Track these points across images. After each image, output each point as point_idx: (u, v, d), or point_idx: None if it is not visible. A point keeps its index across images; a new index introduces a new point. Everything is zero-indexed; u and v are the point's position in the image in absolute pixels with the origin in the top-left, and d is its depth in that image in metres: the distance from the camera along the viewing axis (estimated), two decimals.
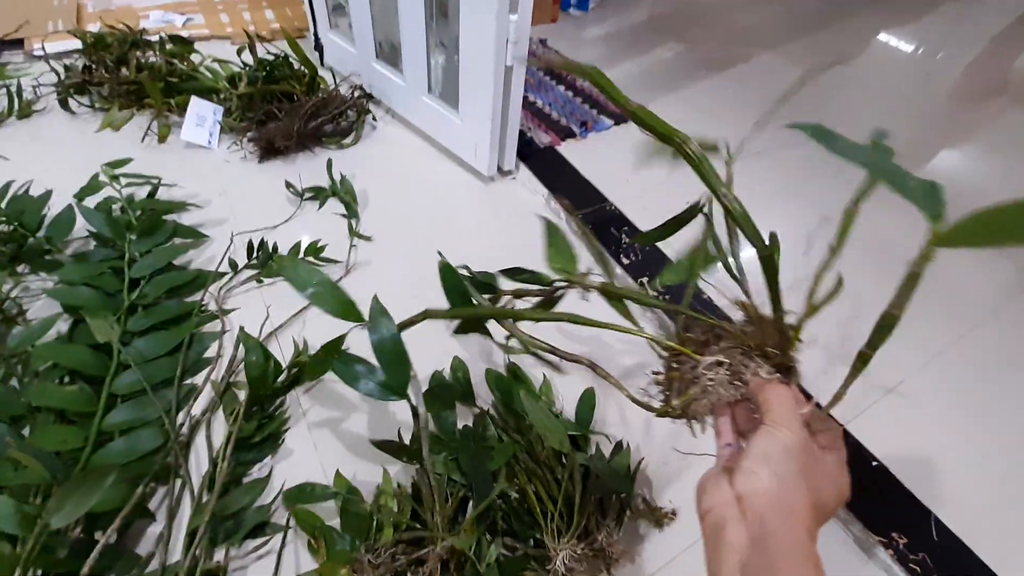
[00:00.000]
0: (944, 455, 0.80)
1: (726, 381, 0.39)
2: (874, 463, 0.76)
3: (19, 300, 0.85)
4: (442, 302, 0.98)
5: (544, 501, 0.64)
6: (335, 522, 0.65)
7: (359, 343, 0.61)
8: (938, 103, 1.68)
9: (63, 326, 0.82)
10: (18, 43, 1.45)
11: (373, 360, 0.60)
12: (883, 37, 2.03)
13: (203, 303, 0.88)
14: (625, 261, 1.03)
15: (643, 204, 1.16)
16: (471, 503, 0.65)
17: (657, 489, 0.74)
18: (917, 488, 0.74)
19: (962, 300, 1.03)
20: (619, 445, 0.77)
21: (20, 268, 0.90)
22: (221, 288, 0.91)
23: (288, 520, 0.66)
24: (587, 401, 0.82)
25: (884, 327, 0.33)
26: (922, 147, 1.46)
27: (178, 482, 0.68)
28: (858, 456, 0.77)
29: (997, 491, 0.77)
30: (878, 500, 0.72)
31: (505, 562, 0.62)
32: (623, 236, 1.08)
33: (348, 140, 1.26)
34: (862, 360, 0.36)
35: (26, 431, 0.69)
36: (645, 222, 1.12)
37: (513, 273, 0.71)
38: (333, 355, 0.59)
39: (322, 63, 1.50)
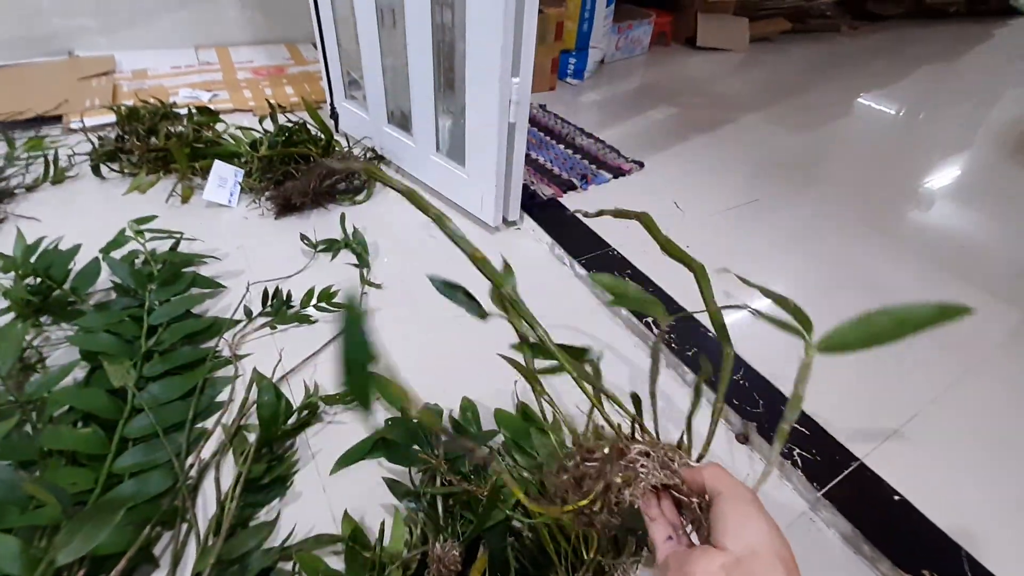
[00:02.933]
0: (966, 487, 0.77)
1: (657, 468, 0.41)
2: (896, 497, 0.74)
3: (40, 349, 0.87)
4: (446, 345, 1.00)
5: (558, 539, 0.62)
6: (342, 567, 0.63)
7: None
8: (920, 157, 1.75)
9: (80, 374, 0.83)
10: (57, 119, 1.57)
11: None
12: (860, 103, 2.15)
13: (217, 349, 0.89)
14: None
15: (643, 248, 1.20)
16: (482, 544, 0.63)
17: None
18: (943, 522, 0.71)
19: (968, 336, 1.03)
20: None
21: (43, 319, 0.93)
22: (236, 335, 0.93)
23: (294, 566, 0.64)
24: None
25: (794, 404, 0.43)
26: (907, 200, 1.51)
27: (184, 527, 0.67)
28: (878, 491, 0.75)
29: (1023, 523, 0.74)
30: (904, 536, 0.70)
31: None
32: (626, 279, 1.11)
33: (360, 197, 1.33)
34: (781, 435, 0.44)
35: (38, 475, 0.69)
36: (646, 264, 1.15)
37: (451, 289, 0.72)
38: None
39: (337, 129, 1.60)
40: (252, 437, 0.76)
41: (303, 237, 1.14)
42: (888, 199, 1.46)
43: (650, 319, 1.01)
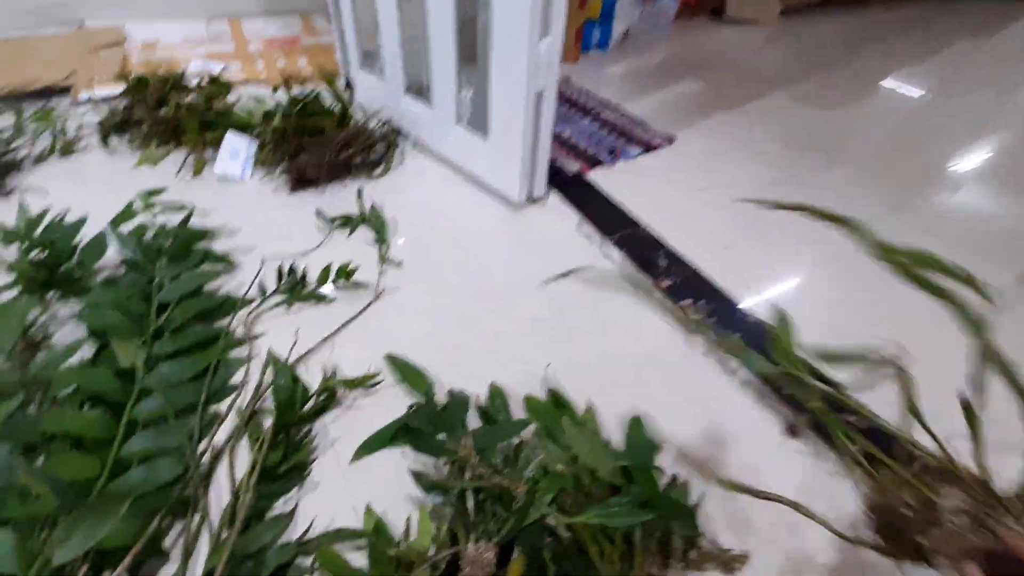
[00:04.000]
0: None
1: (970, 527, 0.36)
2: None
3: (46, 326, 0.83)
4: (473, 326, 0.94)
5: (600, 540, 0.57)
6: (362, 565, 0.59)
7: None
8: (948, 138, 1.64)
9: (88, 352, 0.79)
10: (66, 90, 1.52)
11: None
12: (888, 83, 2.02)
13: (230, 328, 0.85)
14: (665, 284, 0.98)
15: (674, 226, 1.13)
16: (517, 545, 0.58)
17: (720, 528, 0.66)
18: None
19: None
20: (674, 480, 0.69)
21: (50, 295, 0.88)
22: (250, 314, 0.88)
23: (314, 562, 0.59)
24: (636, 428, 0.75)
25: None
26: (933, 183, 1.41)
27: (196, 518, 0.62)
28: None
29: None
30: None
31: None
32: (659, 259, 1.04)
33: (378, 171, 1.26)
34: None
35: (41, 461, 0.65)
36: (679, 241, 1.07)
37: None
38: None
39: (352, 101, 1.53)
40: (268, 422, 0.72)
41: (318, 212, 1.09)
42: (913, 181, 1.36)
43: (687, 301, 0.94)
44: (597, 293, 1.00)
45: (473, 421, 0.74)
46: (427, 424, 0.69)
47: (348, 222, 1.08)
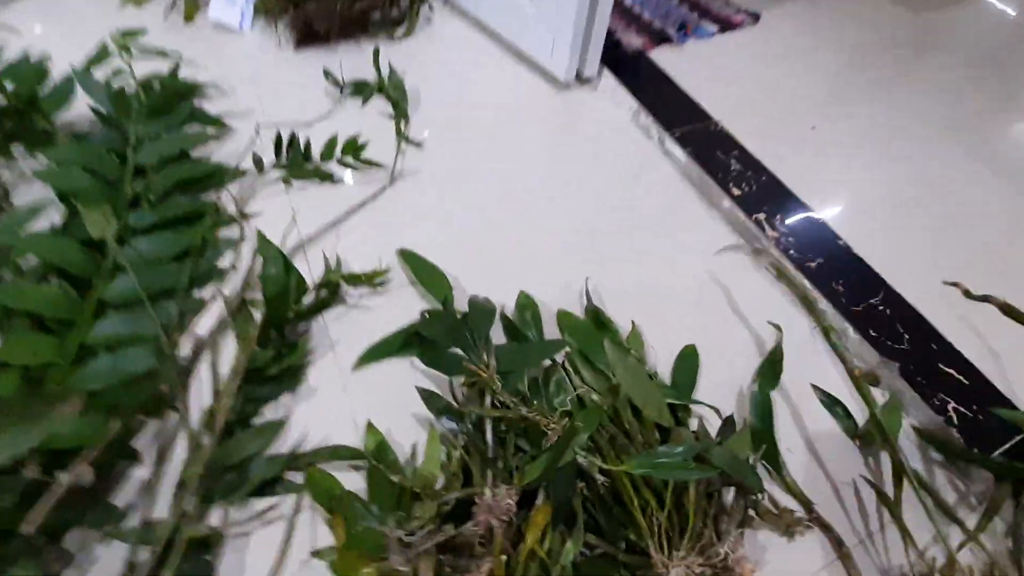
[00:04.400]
0: None
1: None
2: None
3: (6, 184, 0.71)
4: (502, 225, 0.80)
5: (641, 491, 0.47)
6: (363, 488, 0.50)
7: None
8: None
9: (57, 218, 0.68)
10: None
11: None
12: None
13: (220, 203, 0.72)
14: (736, 192, 0.81)
15: (754, 125, 0.93)
16: (543, 489, 0.48)
17: (777, 484, 0.56)
18: None
19: None
20: (730, 421, 0.59)
21: (17, 149, 0.76)
22: (243, 188, 0.75)
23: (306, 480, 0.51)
24: (688, 362, 0.64)
25: None
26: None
27: (172, 418, 0.54)
28: None
29: None
30: None
31: (585, 565, 0.47)
32: (732, 161, 0.86)
33: (399, 31, 1.06)
34: None
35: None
36: (758, 146, 0.89)
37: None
38: None
39: None
40: (260, 315, 0.61)
41: (327, 74, 0.91)
42: (990, 104, 1.09)
43: (760, 215, 0.78)
44: (652, 198, 0.84)
45: (496, 338, 0.62)
46: (442, 334, 0.58)
47: (362, 89, 0.91)
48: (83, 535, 0.48)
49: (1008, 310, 0.57)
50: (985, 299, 0.59)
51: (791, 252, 0.73)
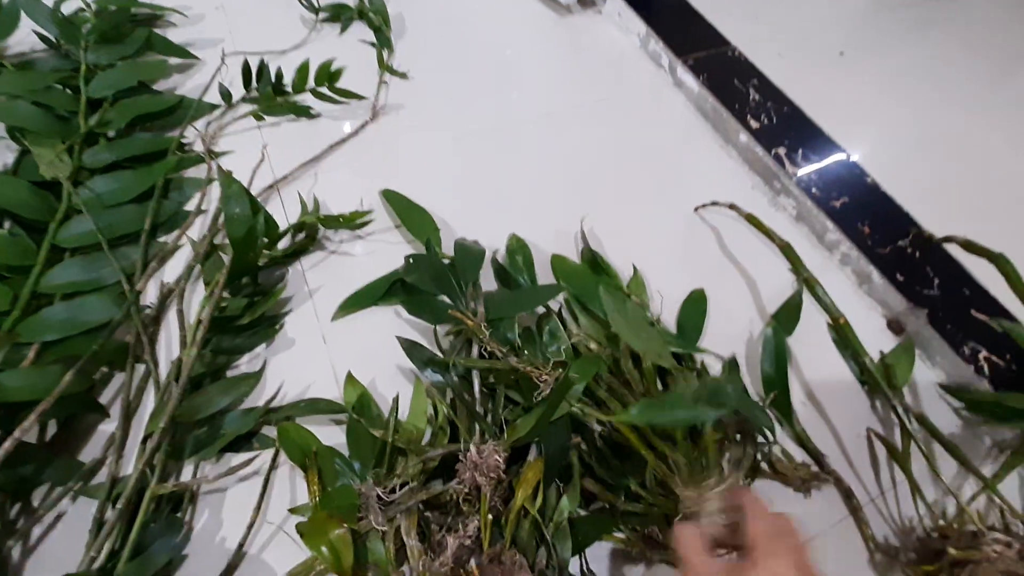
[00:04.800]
0: None
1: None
2: None
3: None
4: (493, 163, 0.73)
5: (650, 438, 0.43)
6: (342, 443, 0.47)
7: None
8: None
9: (8, 157, 0.62)
10: None
11: None
12: None
13: (185, 140, 0.66)
14: (754, 124, 0.74)
15: (777, 48, 0.84)
16: (535, 445, 0.45)
17: (788, 435, 0.53)
18: None
19: None
20: (734, 365, 0.55)
21: None
22: (210, 124, 0.69)
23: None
24: (696, 306, 0.59)
25: None
26: None
27: (140, 369, 0.51)
28: None
29: None
30: None
31: (583, 521, 0.43)
32: (750, 91, 0.78)
33: None
34: None
35: None
36: (781, 73, 0.80)
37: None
38: None
39: None
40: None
41: None
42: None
43: (780, 150, 0.71)
44: (660, 132, 0.77)
45: (487, 285, 0.57)
46: (427, 280, 0.53)
47: (340, 13, 0.82)
48: (51, 493, 0.45)
49: (969, 246, 0.53)
50: (947, 239, 0.57)
51: (813, 190, 0.67)
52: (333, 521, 0.36)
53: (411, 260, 0.56)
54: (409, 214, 0.62)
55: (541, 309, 0.55)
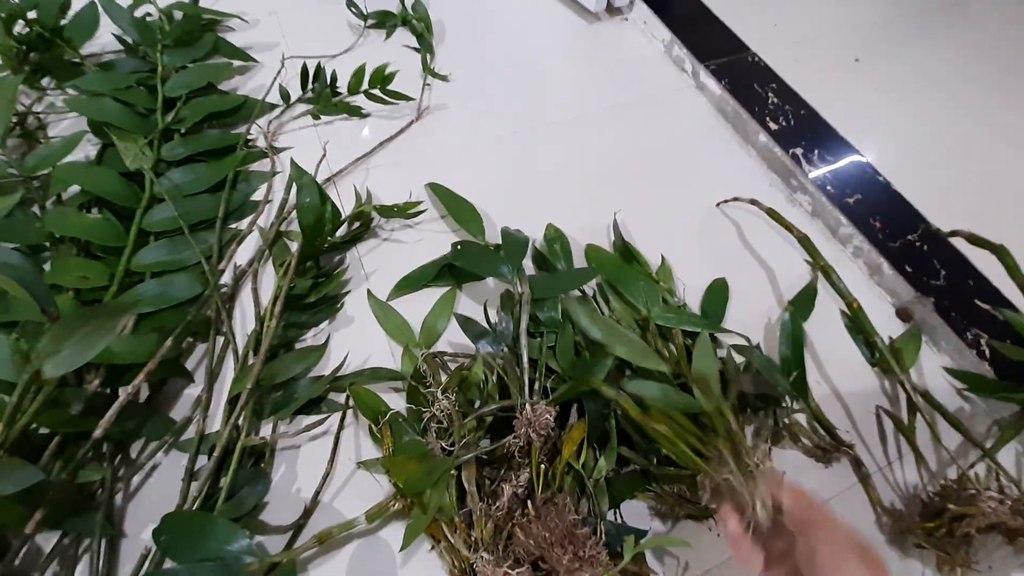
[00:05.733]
0: None
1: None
2: None
3: (40, 115, 0.72)
4: (529, 160, 0.79)
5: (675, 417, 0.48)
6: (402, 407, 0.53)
7: None
8: None
9: (91, 151, 0.69)
10: None
11: None
12: None
13: (250, 136, 0.72)
14: (773, 126, 0.78)
15: (795, 55, 0.89)
16: (576, 409, 0.50)
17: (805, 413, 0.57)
18: None
19: None
20: (757, 350, 0.59)
21: (45, 82, 0.76)
22: (271, 122, 0.75)
23: (347, 399, 0.54)
24: (718, 294, 0.64)
25: None
26: None
27: (219, 340, 0.56)
28: None
29: None
30: None
31: (618, 480, 0.49)
32: (769, 95, 0.83)
33: None
34: None
35: (47, 267, 0.58)
36: (799, 78, 0.85)
37: None
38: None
39: None
40: (294, 247, 0.62)
41: (351, 4, 0.88)
42: None
43: (798, 150, 0.76)
44: (683, 132, 0.82)
45: (527, 271, 0.63)
46: (475, 263, 0.58)
47: (385, 21, 0.88)
48: (146, 446, 0.51)
49: (973, 239, 0.57)
50: (953, 233, 0.60)
51: (828, 188, 0.72)
52: (413, 462, 0.41)
53: (458, 246, 0.62)
54: (454, 205, 0.68)
55: (578, 293, 0.60)
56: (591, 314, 0.49)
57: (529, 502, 0.42)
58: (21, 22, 0.72)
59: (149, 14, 0.80)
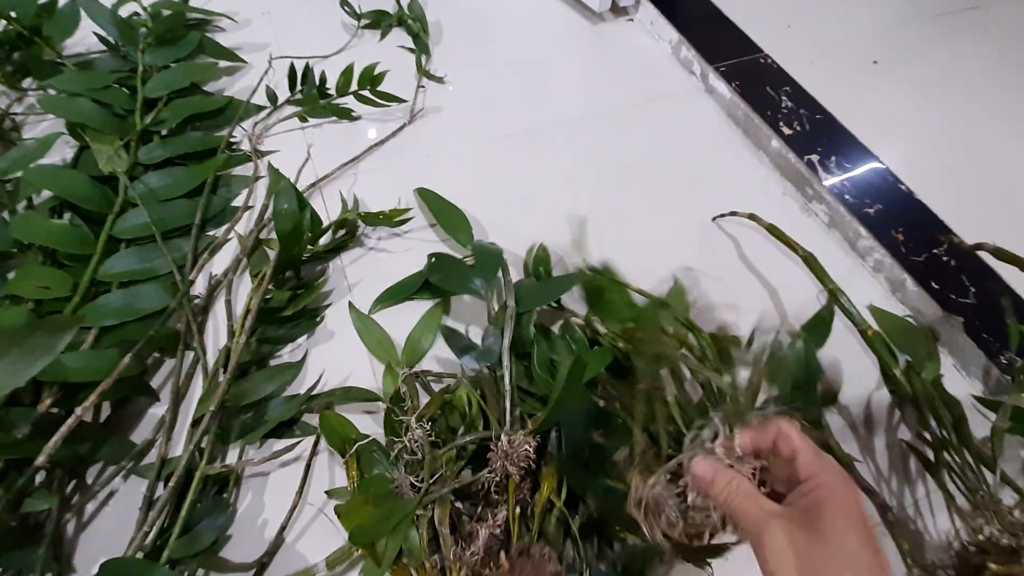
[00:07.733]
0: None
1: None
2: None
3: (15, 116, 0.69)
4: (527, 166, 0.75)
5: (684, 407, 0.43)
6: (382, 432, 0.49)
7: None
8: None
9: (69, 154, 0.66)
10: None
11: None
12: None
13: (233, 139, 0.69)
14: (786, 131, 0.74)
15: (810, 57, 0.84)
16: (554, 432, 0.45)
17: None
18: None
19: None
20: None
21: (27, 82, 0.73)
22: (256, 124, 0.72)
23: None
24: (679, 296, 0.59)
25: None
26: None
27: (189, 356, 0.53)
28: None
29: None
30: None
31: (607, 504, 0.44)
32: (783, 98, 0.78)
33: None
34: None
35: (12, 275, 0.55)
36: (814, 81, 0.80)
37: None
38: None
39: None
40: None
41: (344, 3, 0.85)
42: None
43: (813, 156, 0.71)
44: (691, 137, 0.78)
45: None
46: (448, 279, 0.54)
47: (379, 20, 0.85)
48: (104, 471, 0.48)
49: (999, 253, 0.53)
50: (978, 247, 0.55)
51: (846, 197, 0.67)
52: (369, 506, 0.37)
53: (433, 259, 0.58)
54: (443, 212, 0.64)
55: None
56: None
57: (503, 553, 0.38)
58: (3, 22, 0.70)
59: (136, 13, 0.77)
